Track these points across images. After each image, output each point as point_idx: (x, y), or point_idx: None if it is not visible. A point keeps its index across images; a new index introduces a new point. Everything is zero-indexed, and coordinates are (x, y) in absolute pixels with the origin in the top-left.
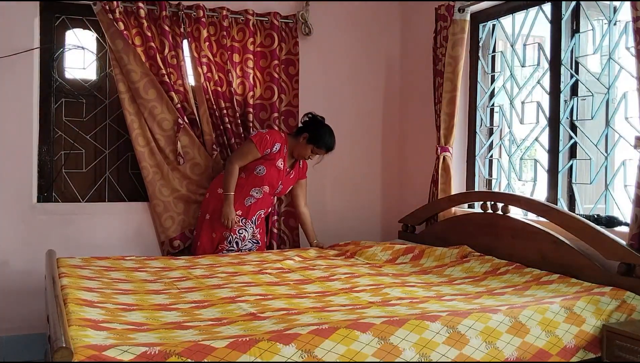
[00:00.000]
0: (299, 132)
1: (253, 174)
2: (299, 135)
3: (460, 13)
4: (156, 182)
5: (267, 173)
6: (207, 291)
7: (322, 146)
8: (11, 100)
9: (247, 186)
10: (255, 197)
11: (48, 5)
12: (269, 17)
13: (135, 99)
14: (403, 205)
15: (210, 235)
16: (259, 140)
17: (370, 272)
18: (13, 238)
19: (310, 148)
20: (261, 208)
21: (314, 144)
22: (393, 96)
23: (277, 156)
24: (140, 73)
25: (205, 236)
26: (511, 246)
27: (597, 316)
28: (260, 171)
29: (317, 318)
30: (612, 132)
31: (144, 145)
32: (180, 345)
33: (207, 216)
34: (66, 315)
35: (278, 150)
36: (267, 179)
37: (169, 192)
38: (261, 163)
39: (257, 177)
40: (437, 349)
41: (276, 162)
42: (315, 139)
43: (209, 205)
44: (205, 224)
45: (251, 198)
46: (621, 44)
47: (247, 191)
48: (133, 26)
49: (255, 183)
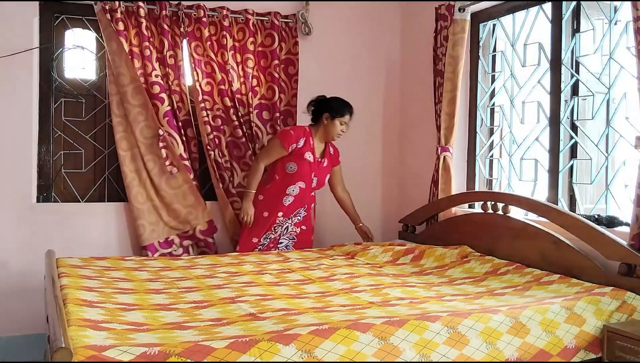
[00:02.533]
0: (316, 118)
1: (285, 172)
2: (319, 119)
3: (461, 13)
4: (133, 187)
5: (299, 168)
6: (207, 292)
7: (345, 113)
8: (11, 100)
9: (283, 186)
10: (292, 195)
11: (47, 5)
12: (269, 17)
13: (122, 103)
14: (403, 205)
15: (251, 240)
16: (284, 137)
17: (370, 272)
18: (13, 238)
19: (337, 121)
20: (301, 205)
21: (338, 115)
22: (393, 96)
23: (304, 149)
24: (130, 78)
25: (246, 239)
26: (512, 246)
27: (598, 316)
28: (292, 169)
29: (317, 319)
30: (612, 132)
31: (126, 149)
32: (180, 346)
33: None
34: (66, 315)
35: (304, 143)
36: (299, 175)
37: (144, 199)
38: (291, 160)
39: (290, 175)
40: (437, 349)
41: (304, 155)
42: (336, 111)
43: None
44: (245, 229)
45: (289, 196)
46: (621, 44)
47: (284, 191)
48: (133, 26)
49: (289, 181)
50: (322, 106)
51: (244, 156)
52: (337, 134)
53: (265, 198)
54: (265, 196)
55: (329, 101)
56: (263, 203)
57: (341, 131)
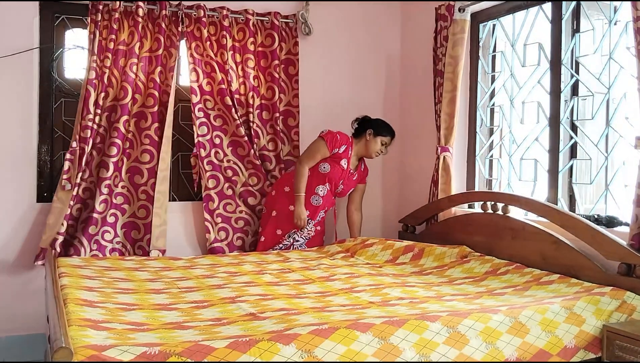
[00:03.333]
0: (359, 133)
1: (317, 171)
2: (362, 135)
3: (461, 13)
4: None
5: (332, 170)
6: (207, 291)
7: (388, 134)
8: (11, 100)
9: (313, 184)
10: (320, 196)
11: (47, 5)
12: (269, 17)
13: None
14: (403, 205)
15: (275, 232)
16: (331, 139)
17: (370, 272)
18: (13, 238)
19: (380, 139)
20: (324, 207)
21: (381, 135)
22: (393, 96)
23: (342, 156)
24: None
25: (270, 232)
26: (511, 246)
27: (598, 316)
28: (324, 169)
29: (317, 318)
30: (612, 132)
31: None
32: (180, 345)
33: (274, 213)
34: (66, 315)
35: (344, 151)
36: (330, 176)
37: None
38: (326, 161)
39: (321, 174)
40: (437, 349)
41: (340, 161)
42: (380, 130)
43: (276, 202)
44: (271, 220)
45: (317, 196)
46: (621, 44)
47: (313, 189)
48: (129, 26)
49: (319, 180)
50: (367, 123)
51: (248, 154)
52: (375, 152)
53: (292, 190)
54: (292, 188)
55: (374, 120)
56: (290, 195)
57: (380, 150)
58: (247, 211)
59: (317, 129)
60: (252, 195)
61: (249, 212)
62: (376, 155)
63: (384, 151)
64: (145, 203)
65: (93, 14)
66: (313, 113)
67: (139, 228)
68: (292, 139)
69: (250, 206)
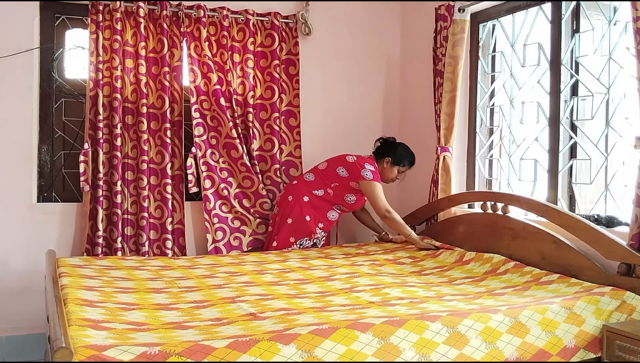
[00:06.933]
0: (378, 155)
1: (342, 199)
2: (381, 159)
3: (460, 13)
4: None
5: (355, 202)
6: (207, 291)
7: (406, 164)
8: (11, 100)
9: (332, 203)
10: (337, 212)
11: (48, 5)
12: (269, 17)
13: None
14: (403, 205)
15: (288, 239)
16: (376, 177)
17: (370, 272)
18: (13, 238)
19: (396, 169)
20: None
21: (398, 165)
22: (393, 96)
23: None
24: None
25: (284, 238)
26: (511, 246)
27: (597, 316)
28: (350, 200)
29: (317, 318)
30: (611, 133)
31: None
32: (180, 345)
33: (290, 221)
34: (66, 315)
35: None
36: (351, 206)
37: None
38: (355, 194)
39: (345, 202)
40: (437, 349)
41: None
42: (398, 160)
43: (293, 210)
44: (286, 226)
45: (334, 212)
46: (621, 44)
47: (331, 206)
48: (132, 26)
49: (339, 202)
50: (389, 148)
51: (241, 157)
52: (391, 180)
53: (310, 201)
54: (311, 199)
55: (396, 146)
56: (308, 205)
57: (396, 178)
58: (243, 212)
59: (317, 129)
60: (247, 197)
61: (244, 213)
62: (390, 182)
63: (401, 178)
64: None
65: (93, 14)
66: (313, 113)
67: (157, 228)
68: (294, 139)
69: (245, 207)
